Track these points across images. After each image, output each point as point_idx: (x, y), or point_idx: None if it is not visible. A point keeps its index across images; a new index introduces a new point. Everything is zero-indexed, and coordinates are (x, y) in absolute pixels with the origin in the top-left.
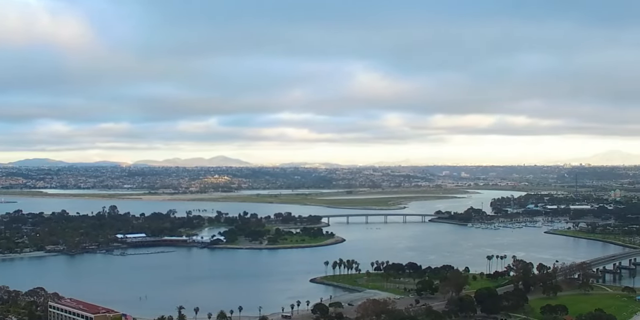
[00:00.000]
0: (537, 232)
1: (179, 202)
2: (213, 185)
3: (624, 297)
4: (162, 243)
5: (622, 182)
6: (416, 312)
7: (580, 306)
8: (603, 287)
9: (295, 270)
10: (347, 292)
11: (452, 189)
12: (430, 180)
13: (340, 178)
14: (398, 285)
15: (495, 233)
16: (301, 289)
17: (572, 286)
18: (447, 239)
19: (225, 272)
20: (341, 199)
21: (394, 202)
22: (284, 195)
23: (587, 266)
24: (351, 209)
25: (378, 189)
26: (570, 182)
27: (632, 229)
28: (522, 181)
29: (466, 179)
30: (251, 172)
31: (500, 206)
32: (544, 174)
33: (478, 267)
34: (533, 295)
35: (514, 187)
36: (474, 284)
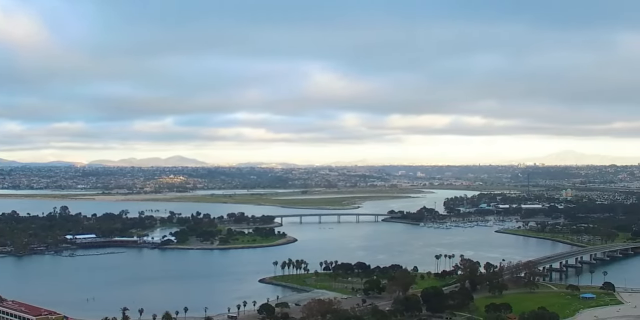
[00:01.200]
0: (488, 232)
1: (132, 202)
2: (168, 185)
3: (568, 295)
4: (112, 244)
5: (574, 182)
6: (362, 311)
7: (524, 304)
8: (548, 286)
9: (244, 271)
10: (296, 292)
11: (407, 188)
12: (386, 180)
13: (296, 178)
14: (346, 285)
15: (447, 232)
16: (250, 289)
17: (518, 285)
18: (399, 238)
19: (174, 273)
20: (296, 199)
21: (348, 202)
22: (238, 195)
23: (533, 265)
24: (305, 209)
25: (333, 188)
26: (523, 181)
27: (580, 228)
28: (476, 181)
29: (422, 178)
30: (207, 172)
31: (453, 206)
32: (498, 173)
33: (427, 267)
34: (479, 294)
35: (468, 186)
36: (421, 283)
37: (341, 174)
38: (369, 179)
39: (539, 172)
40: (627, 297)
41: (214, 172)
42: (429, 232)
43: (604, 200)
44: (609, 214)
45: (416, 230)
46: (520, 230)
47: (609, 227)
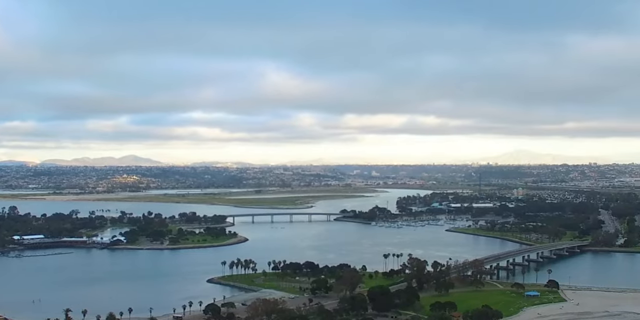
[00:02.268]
0: (438, 230)
1: (84, 202)
2: (121, 185)
3: (513, 293)
4: (61, 244)
5: (526, 181)
6: (308, 311)
7: (470, 302)
8: (495, 284)
9: (193, 271)
10: (243, 292)
11: (361, 188)
12: (341, 179)
13: (250, 177)
14: (294, 284)
15: (398, 231)
16: (197, 290)
17: (464, 283)
18: (349, 237)
19: (122, 274)
20: (249, 199)
21: (301, 202)
22: (192, 194)
23: (480, 263)
24: (257, 208)
25: (288, 188)
26: (477, 181)
27: (528, 227)
28: (430, 180)
29: (376, 178)
30: (161, 171)
31: (405, 205)
32: (452, 173)
33: (375, 266)
34: (426, 292)
35: (422, 186)
36: (369, 283)
37: (296, 173)
38: (323, 178)
39: (492, 171)
40: (570, 294)
41: (168, 172)
42: (380, 231)
43: (554, 199)
44: (558, 213)
45: (367, 229)
46: (470, 229)
47: (557, 225)
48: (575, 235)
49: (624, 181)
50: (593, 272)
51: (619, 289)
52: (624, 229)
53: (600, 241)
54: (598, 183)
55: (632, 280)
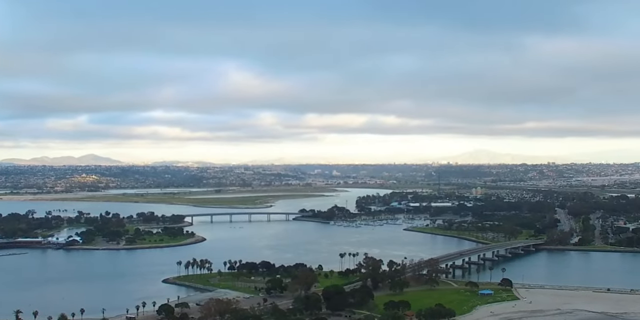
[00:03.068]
0: (396, 230)
1: (41, 202)
2: (80, 184)
3: (467, 291)
4: (15, 245)
5: (485, 180)
6: (261, 311)
7: (424, 301)
8: (449, 283)
9: (149, 271)
10: (199, 292)
11: (321, 187)
12: (302, 178)
13: (211, 177)
14: (250, 284)
15: (356, 231)
16: (152, 290)
17: (419, 282)
18: (307, 237)
19: (77, 274)
20: (209, 198)
21: (261, 201)
22: (151, 194)
23: (435, 262)
24: (216, 208)
25: (248, 187)
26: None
27: (485, 226)
28: (391, 179)
29: (337, 177)
30: (120, 171)
31: (365, 204)
32: (412, 172)
33: (332, 265)
34: (381, 291)
35: (382, 185)
36: (324, 282)
37: (256, 173)
38: (284, 177)
39: (452, 170)
40: (523, 292)
41: (128, 171)
42: (338, 230)
43: (512, 198)
44: (515, 212)
45: (326, 228)
46: (428, 228)
47: (514, 224)
48: (531, 234)
49: (581, 180)
50: (547, 271)
51: (571, 287)
52: (579, 228)
53: (555, 240)
54: (556, 182)
55: (585, 278)
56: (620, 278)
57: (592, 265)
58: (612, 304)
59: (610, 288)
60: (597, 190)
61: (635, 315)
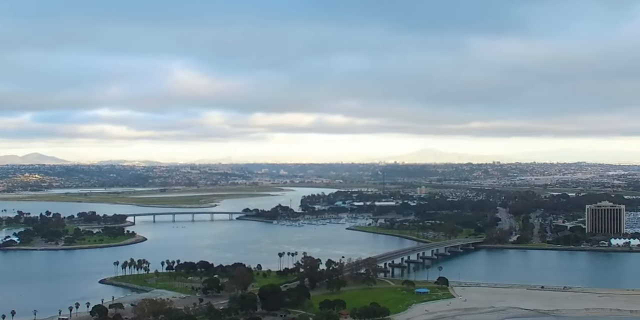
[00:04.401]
0: (339, 229)
1: None
2: (22, 184)
3: (404, 290)
4: None
5: (431, 179)
6: (196, 311)
7: (360, 300)
8: (387, 281)
9: (86, 271)
10: (135, 293)
11: (267, 186)
12: (248, 178)
13: (157, 176)
14: (187, 284)
15: (299, 230)
16: (88, 291)
17: (357, 281)
18: (250, 236)
19: (11, 275)
20: (153, 198)
21: (206, 200)
22: (94, 193)
23: (373, 261)
24: (159, 207)
25: (194, 187)
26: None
27: (426, 225)
28: (337, 179)
29: (284, 176)
30: (65, 170)
31: (309, 203)
32: (359, 171)
33: (271, 265)
34: (318, 291)
35: (328, 184)
36: (262, 281)
37: (203, 172)
38: (230, 177)
39: (398, 170)
40: (459, 291)
41: (72, 170)
42: (281, 229)
43: (456, 197)
44: (457, 211)
45: (269, 228)
46: (370, 227)
47: (455, 223)
48: (471, 233)
49: (524, 179)
50: (484, 269)
51: (506, 285)
52: (519, 226)
53: (494, 238)
54: (500, 181)
55: (521, 276)
56: (555, 276)
57: (529, 263)
58: (545, 302)
59: (544, 286)
60: (539, 190)
61: (567, 312)
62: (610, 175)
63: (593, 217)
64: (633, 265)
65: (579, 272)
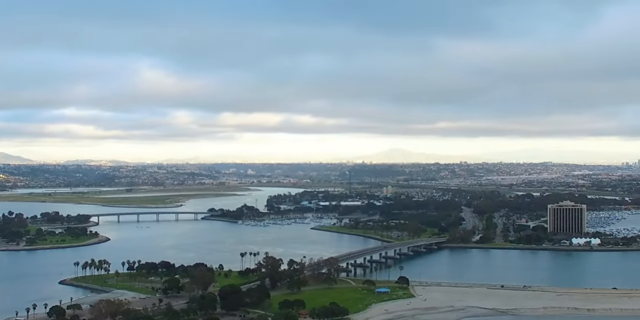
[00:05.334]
0: (304, 229)
1: None
2: None
3: (365, 289)
4: None
5: (398, 179)
6: (155, 311)
7: (320, 300)
8: (348, 281)
9: (46, 272)
10: (95, 293)
11: (235, 186)
12: (216, 178)
13: (123, 176)
14: (148, 284)
15: (263, 230)
16: (47, 291)
17: (318, 281)
18: (214, 236)
19: None
20: (119, 197)
21: (171, 200)
22: (59, 193)
23: (335, 261)
24: (124, 207)
25: (160, 187)
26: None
27: (390, 224)
28: (305, 178)
29: (252, 176)
30: (30, 169)
31: (275, 203)
32: (327, 171)
33: (233, 264)
34: (279, 291)
35: (296, 184)
36: (224, 282)
37: (170, 172)
38: (198, 177)
39: (366, 169)
40: (420, 290)
41: (38, 170)
42: (246, 229)
43: (422, 197)
44: (422, 210)
45: (234, 228)
46: (335, 227)
47: (420, 222)
48: (434, 233)
49: (491, 179)
50: (446, 268)
51: (467, 284)
52: (482, 226)
53: (457, 238)
54: (467, 181)
55: (482, 275)
56: (516, 275)
57: (491, 262)
58: (504, 300)
59: (504, 285)
60: (505, 189)
61: (525, 311)
62: (575, 175)
63: (555, 217)
64: (593, 265)
65: (540, 271)
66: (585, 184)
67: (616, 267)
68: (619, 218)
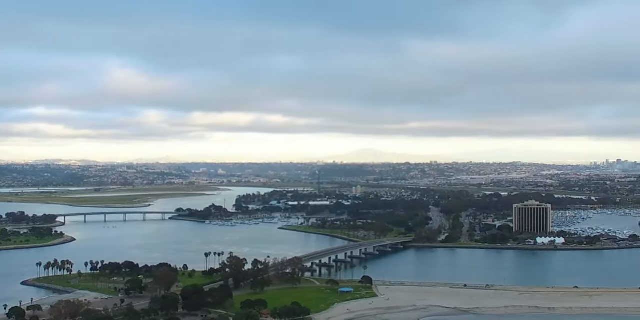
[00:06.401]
0: (271, 228)
1: None
2: None
3: (328, 289)
4: None
5: (368, 179)
6: (116, 312)
7: (283, 300)
8: (312, 281)
9: (8, 273)
10: (57, 294)
11: (204, 186)
12: (186, 177)
13: (92, 175)
14: (111, 285)
15: (231, 230)
16: (9, 292)
17: (282, 281)
18: (180, 236)
19: None
20: (87, 197)
21: (140, 200)
22: (27, 193)
23: (299, 261)
24: (91, 207)
25: (129, 186)
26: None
27: (357, 224)
28: (275, 178)
29: (222, 176)
30: None
31: (244, 203)
32: (298, 171)
33: (198, 264)
34: (243, 290)
35: (265, 184)
36: (188, 282)
37: (140, 171)
38: (167, 176)
39: (336, 169)
40: (383, 290)
41: (5, 170)
42: (213, 229)
43: (391, 196)
44: (390, 210)
45: (201, 228)
46: (302, 227)
47: (387, 222)
48: (401, 232)
49: (460, 179)
50: (411, 268)
51: (430, 283)
52: (449, 225)
53: (423, 237)
54: (436, 181)
55: (446, 274)
56: (479, 274)
57: (455, 261)
58: (466, 299)
59: (467, 284)
60: (473, 189)
61: (486, 310)
62: (544, 175)
63: (520, 216)
64: (556, 264)
65: (503, 270)
66: (554, 183)
67: (579, 266)
68: (584, 217)
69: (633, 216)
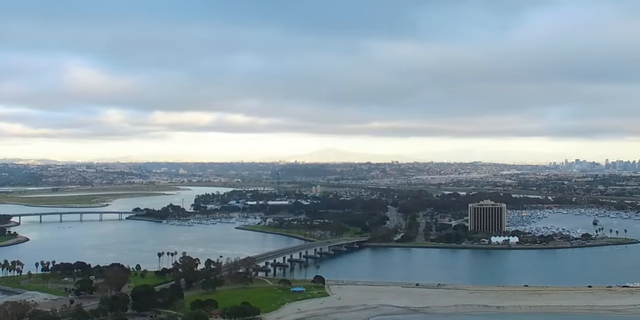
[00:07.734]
0: (229, 228)
1: None
2: None
3: (280, 289)
4: None
5: (329, 179)
6: (64, 312)
7: (234, 300)
8: (265, 280)
9: None
10: (6, 295)
11: (164, 185)
12: (146, 177)
13: (51, 175)
14: (61, 285)
15: (187, 229)
16: None
17: (235, 280)
18: (136, 236)
19: None
20: (44, 197)
21: (98, 200)
22: None
23: (252, 261)
24: (48, 207)
25: (88, 186)
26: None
27: (314, 223)
28: (237, 178)
29: (183, 175)
30: None
31: (203, 203)
32: (259, 170)
33: (151, 265)
34: (195, 291)
35: (226, 183)
36: (139, 282)
37: (99, 171)
38: (127, 176)
39: (297, 169)
40: (335, 289)
41: None
42: (170, 229)
43: (350, 196)
44: (348, 210)
45: (157, 227)
46: (259, 227)
47: (344, 222)
48: (357, 232)
49: (420, 179)
50: (365, 267)
51: (383, 282)
52: (406, 225)
53: (379, 237)
54: (397, 180)
55: (399, 274)
56: (432, 273)
57: (410, 261)
58: (417, 299)
59: (419, 283)
60: (433, 189)
61: (436, 309)
62: (503, 174)
63: (475, 216)
64: (509, 263)
65: (456, 269)
66: (512, 183)
67: (531, 265)
68: (540, 217)
69: (588, 215)
